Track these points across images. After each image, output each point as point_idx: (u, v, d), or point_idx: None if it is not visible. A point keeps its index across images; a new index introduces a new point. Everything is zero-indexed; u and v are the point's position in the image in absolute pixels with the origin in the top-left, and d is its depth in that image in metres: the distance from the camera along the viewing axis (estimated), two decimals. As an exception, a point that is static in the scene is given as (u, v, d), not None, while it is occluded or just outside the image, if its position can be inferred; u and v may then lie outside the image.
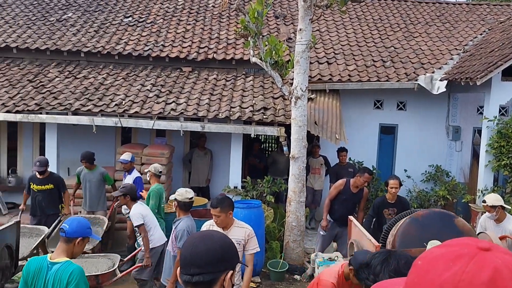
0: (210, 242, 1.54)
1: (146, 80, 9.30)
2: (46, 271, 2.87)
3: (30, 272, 2.89)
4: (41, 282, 2.85)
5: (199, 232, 1.66)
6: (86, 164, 7.31)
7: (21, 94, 8.44)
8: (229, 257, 1.56)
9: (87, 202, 7.45)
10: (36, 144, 10.11)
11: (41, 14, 11.27)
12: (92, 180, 7.35)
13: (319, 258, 5.23)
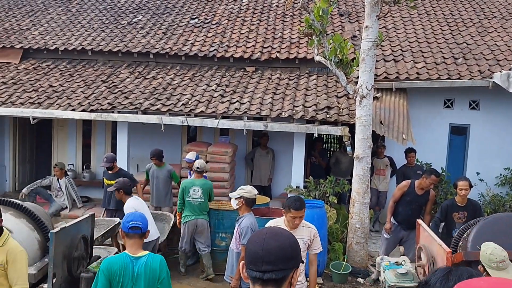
0: (282, 239, 1.53)
1: (211, 80, 9.50)
2: (132, 266, 3.03)
3: (114, 271, 3.02)
4: (128, 278, 3.01)
5: (268, 229, 1.63)
6: (155, 161, 7.63)
7: (95, 94, 8.93)
8: (296, 255, 1.55)
9: (154, 198, 7.78)
10: (108, 142, 10.65)
11: (113, 18, 11.85)
12: (160, 176, 7.66)
13: (385, 261, 5.08)
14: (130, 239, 3.14)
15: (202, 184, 6.73)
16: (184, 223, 6.71)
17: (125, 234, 3.14)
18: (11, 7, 12.66)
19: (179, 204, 6.74)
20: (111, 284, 3.03)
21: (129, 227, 3.09)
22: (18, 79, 9.69)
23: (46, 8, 12.58)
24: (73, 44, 10.50)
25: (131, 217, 3.14)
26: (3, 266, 3.19)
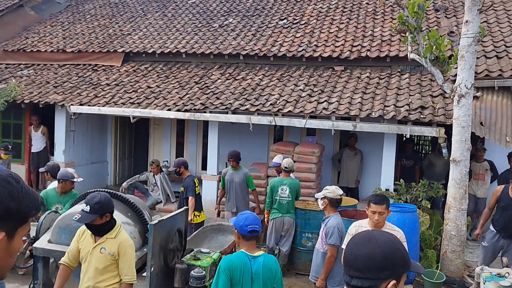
0: (372, 246, 1.44)
1: (299, 80, 9.52)
2: (250, 265, 3.15)
3: (235, 269, 3.14)
4: (247, 276, 3.13)
5: (365, 233, 1.56)
6: (233, 162, 7.36)
7: (189, 95, 9.35)
8: (392, 266, 1.42)
9: (231, 202, 7.40)
10: (200, 140, 11.11)
11: (205, 21, 12.33)
12: (237, 180, 7.36)
13: (485, 272, 4.73)
14: (247, 241, 3.23)
15: (290, 183, 6.77)
16: (272, 220, 6.79)
17: (242, 236, 3.22)
18: (114, 14, 13.69)
19: (268, 202, 6.81)
20: (232, 282, 3.13)
21: (248, 230, 3.17)
22: (120, 80, 10.45)
23: (145, 14, 13.42)
24: (168, 47, 11.09)
25: (248, 220, 3.19)
26: (114, 257, 3.46)
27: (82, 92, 9.97)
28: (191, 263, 4.53)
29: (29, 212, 1.23)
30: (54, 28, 13.07)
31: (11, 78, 10.86)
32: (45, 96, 9.82)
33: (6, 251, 1.21)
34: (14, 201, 1.18)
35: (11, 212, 1.18)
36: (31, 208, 1.23)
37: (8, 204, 1.17)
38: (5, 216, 1.17)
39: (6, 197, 1.16)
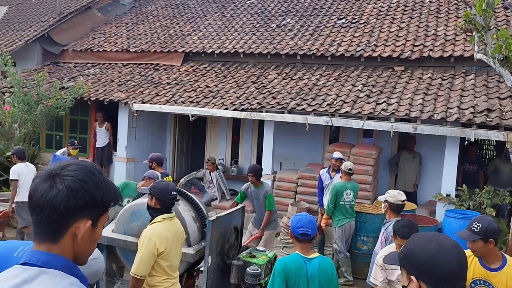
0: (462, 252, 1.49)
1: (357, 80, 9.36)
2: (306, 267, 3.16)
3: (290, 271, 3.15)
4: (303, 278, 3.14)
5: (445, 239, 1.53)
6: (252, 178, 6.47)
7: (245, 94, 9.47)
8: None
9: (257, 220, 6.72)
10: (255, 140, 11.21)
11: (263, 21, 12.41)
12: (259, 198, 6.54)
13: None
14: (300, 243, 3.23)
15: (353, 187, 6.68)
16: (340, 227, 6.63)
17: (294, 237, 3.23)
18: (175, 15, 14.09)
19: (330, 208, 6.62)
20: (287, 284, 3.14)
21: (299, 233, 3.18)
22: (180, 80, 10.76)
23: (205, 14, 13.72)
24: (227, 47, 11.28)
25: (301, 223, 3.20)
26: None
27: (144, 90, 10.36)
28: (247, 260, 4.60)
29: (110, 202, 1.33)
30: (118, 28, 13.67)
31: (79, 76, 11.47)
32: (110, 94, 10.29)
33: (90, 238, 1.31)
34: (99, 191, 1.27)
35: (96, 201, 1.27)
36: (112, 198, 1.33)
37: (94, 194, 1.26)
38: (92, 205, 1.26)
39: (92, 187, 1.26)
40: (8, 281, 1.20)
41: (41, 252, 1.24)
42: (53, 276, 1.21)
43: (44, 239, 1.25)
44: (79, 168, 1.27)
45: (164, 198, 3.53)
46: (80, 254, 1.31)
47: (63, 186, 1.22)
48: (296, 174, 9.15)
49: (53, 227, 1.24)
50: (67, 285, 1.21)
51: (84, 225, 1.26)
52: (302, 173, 9.03)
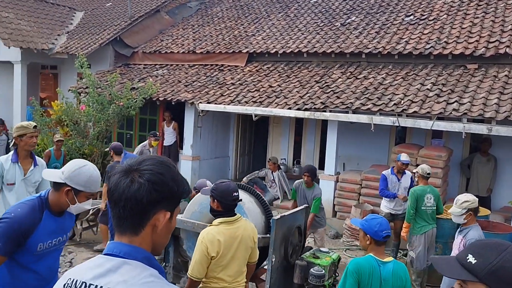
0: None
1: (426, 79, 9.01)
2: (379, 270, 3.10)
3: (363, 272, 3.11)
4: (376, 281, 3.10)
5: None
6: (308, 178, 6.54)
7: (309, 94, 9.41)
8: None
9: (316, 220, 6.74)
10: (317, 140, 11.12)
11: (328, 20, 12.27)
12: (308, 197, 6.64)
13: None
14: (379, 246, 3.15)
15: (432, 191, 6.37)
16: (423, 234, 6.26)
17: (375, 241, 3.14)
18: (240, 16, 14.30)
19: (411, 214, 6.29)
20: (359, 286, 3.11)
21: (384, 236, 3.10)
22: (244, 80, 10.90)
23: (268, 15, 13.80)
24: (290, 47, 11.27)
25: (383, 226, 3.11)
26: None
27: (209, 91, 10.60)
28: (311, 260, 4.57)
29: (183, 194, 1.38)
30: (185, 30, 14.09)
31: (148, 77, 11.96)
32: (177, 94, 10.64)
33: (167, 229, 1.37)
34: (175, 183, 1.34)
35: (173, 193, 1.34)
36: (185, 190, 1.39)
37: (171, 186, 1.33)
38: (169, 197, 1.33)
39: (169, 180, 1.32)
40: (94, 269, 1.30)
41: (123, 244, 1.31)
42: (134, 267, 1.27)
43: (126, 232, 1.32)
44: (156, 163, 1.34)
45: (225, 200, 3.43)
46: (157, 245, 1.37)
47: (144, 180, 1.29)
48: (360, 175, 8.96)
49: (135, 219, 1.31)
50: (147, 276, 1.26)
51: (163, 217, 1.32)
52: (367, 175, 8.83)
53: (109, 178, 1.40)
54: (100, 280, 1.26)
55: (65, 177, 2.58)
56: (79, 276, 1.31)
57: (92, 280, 1.27)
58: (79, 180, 2.56)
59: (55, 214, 2.66)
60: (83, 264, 1.38)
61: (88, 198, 2.67)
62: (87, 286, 1.27)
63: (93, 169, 2.65)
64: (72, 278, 1.31)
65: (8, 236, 2.46)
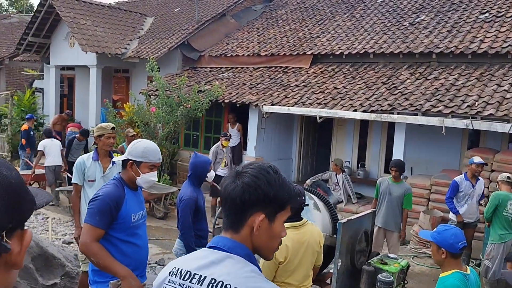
0: None
1: (503, 79, 8.50)
2: (468, 285, 2.89)
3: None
4: None
5: None
6: (395, 173, 6.35)
7: (375, 95, 9.20)
8: None
9: (381, 217, 6.44)
10: (383, 142, 10.84)
11: (395, 20, 11.93)
12: (395, 193, 6.37)
13: None
14: (456, 259, 2.96)
15: None
16: (501, 243, 5.93)
17: (451, 254, 2.93)
18: (304, 18, 14.26)
19: (489, 214, 6.01)
20: None
21: (460, 248, 2.92)
22: (308, 82, 10.86)
23: (333, 16, 13.65)
24: (356, 48, 11.09)
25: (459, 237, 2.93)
26: None
27: (273, 93, 10.67)
28: (379, 266, 4.47)
29: (286, 200, 1.42)
30: (250, 34, 14.28)
31: (214, 80, 12.25)
32: (242, 96, 10.81)
33: (267, 233, 1.41)
34: (271, 188, 1.38)
35: (269, 197, 1.38)
36: (287, 196, 1.42)
37: (266, 190, 1.37)
38: (264, 200, 1.38)
39: (264, 183, 1.37)
40: (198, 260, 1.40)
41: (228, 239, 1.40)
42: (236, 261, 1.34)
43: (228, 228, 1.41)
44: (256, 167, 1.41)
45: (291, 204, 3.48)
46: (260, 247, 1.42)
47: (240, 182, 1.38)
48: (430, 180, 8.62)
49: (233, 218, 1.40)
50: (249, 271, 1.33)
51: (258, 218, 1.37)
52: (437, 180, 8.48)
53: None
54: (204, 271, 1.35)
55: (127, 153, 2.98)
56: (184, 265, 1.41)
57: (196, 270, 1.37)
58: (137, 152, 2.94)
59: (132, 189, 3.00)
60: (189, 255, 1.50)
61: (151, 169, 2.97)
62: (191, 275, 1.37)
63: (149, 142, 3.04)
64: (177, 267, 1.42)
65: (103, 211, 2.79)
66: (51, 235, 7.62)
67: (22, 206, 0.87)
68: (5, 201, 0.82)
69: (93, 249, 2.77)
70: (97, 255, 2.77)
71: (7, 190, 0.83)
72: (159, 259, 6.79)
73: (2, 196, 0.82)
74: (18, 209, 0.86)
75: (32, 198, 0.91)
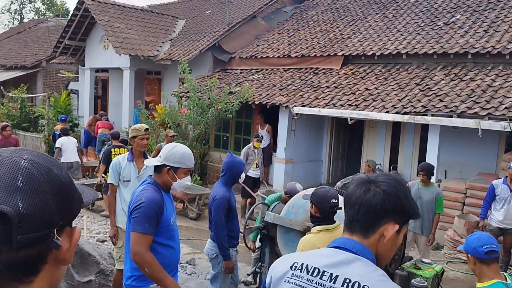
0: None
1: (544, 80, 8.20)
2: None
3: None
4: None
5: None
6: (424, 177, 6.24)
7: (408, 97, 9.03)
8: None
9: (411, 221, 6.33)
10: (417, 144, 10.62)
11: (429, 20, 11.69)
12: (426, 198, 6.23)
13: None
14: (489, 266, 2.80)
15: None
16: None
17: (479, 260, 2.79)
18: (335, 18, 14.15)
19: None
20: None
21: (485, 252, 2.77)
22: (339, 83, 10.77)
23: (365, 16, 13.49)
24: (388, 48, 10.92)
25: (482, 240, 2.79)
26: None
27: (304, 94, 10.63)
28: (412, 271, 4.38)
29: (412, 214, 1.44)
30: (280, 35, 14.27)
31: (245, 81, 12.30)
32: (272, 97, 10.81)
33: (392, 243, 1.43)
34: (407, 201, 1.42)
35: (404, 209, 1.41)
36: (413, 211, 1.44)
37: (403, 202, 1.40)
38: (400, 212, 1.41)
39: (402, 196, 1.41)
40: (325, 258, 1.41)
41: (355, 242, 1.41)
42: (366, 264, 1.36)
43: (357, 232, 1.42)
44: (392, 178, 1.44)
45: (323, 206, 3.35)
46: (381, 255, 1.43)
47: (380, 190, 1.39)
48: (465, 183, 8.39)
49: (366, 223, 1.40)
50: (381, 275, 1.34)
51: (392, 228, 1.39)
52: (472, 183, 8.24)
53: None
54: (334, 269, 1.36)
55: (162, 158, 2.96)
56: (309, 261, 1.43)
57: (325, 268, 1.38)
58: (174, 158, 2.94)
59: (166, 193, 3.02)
60: (309, 252, 1.52)
61: (186, 174, 3.01)
62: (320, 272, 1.38)
63: (184, 147, 3.05)
64: (301, 262, 1.44)
65: (150, 217, 2.80)
66: (86, 233, 7.83)
67: (71, 204, 0.89)
68: (56, 199, 0.84)
69: (148, 260, 2.76)
70: (152, 266, 2.75)
71: (58, 188, 0.86)
72: (189, 259, 6.87)
73: (54, 194, 0.84)
74: (68, 207, 0.88)
75: (80, 196, 0.94)
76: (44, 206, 0.82)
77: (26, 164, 0.84)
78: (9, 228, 0.78)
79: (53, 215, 0.84)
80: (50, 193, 0.84)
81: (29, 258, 0.82)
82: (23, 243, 0.80)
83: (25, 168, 0.84)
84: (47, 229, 0.83)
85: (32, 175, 0.83)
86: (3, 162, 0.84)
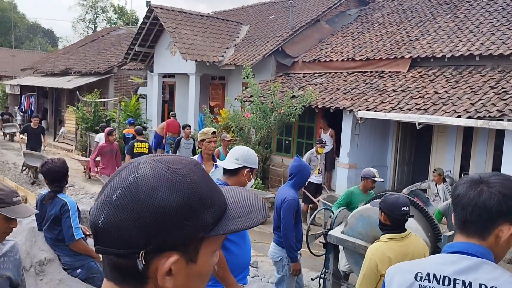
0: None
1: None
2: None
3: None
4: None
5: None
6: None
7: (482, 101, 8.56)
8: None
9: None
10: (490, 151, 10.04)
11: (505, 19, 11.03)
12: None
13: None
14: None
15: None
16: None
17: None
18: (402, 20, 13.73)
19: None
20: None
21: None
22: (406, 86, 10.42)
23: (434, 17, 12.97)
24: (460, 50, 10.42)
25: None
26: None
27: (368, 98, 10.40)
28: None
29: None
30: (344, 38, 14.07)
31: (308, 85, 12.24)
32: (336, 101, 10.67)
33: (508, 244, 1.41)
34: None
35: None
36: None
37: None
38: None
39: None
40: (452, 265, 1.38)
41: (477, 245, 1.39)
42: (494, 267, 1.34)
43: (473, 235, 1.40)
44: (506, 178, 1.41)
45: (393, 214, 3.26)
46: (496, 257, 1.40)
47: (495, 191, 1.37)
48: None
49: (481, 225, 1.38)
50: (509, 277, 1.32)
51: (508, 229, 1.36)
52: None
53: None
54: (465, 276, 1.35)
55: (242, 161, 3.07)
56: (435, 270, 1.41)
57: (455, 275, 1.36)
58: (252, 160, 3.11)
59: None
60: (428, 259, 1.50)
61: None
62: (451, 280, 1.37)
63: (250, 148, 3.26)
64: (425, 272, 1.42)
65: None
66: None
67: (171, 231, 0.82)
68: (144, 222, 0.79)
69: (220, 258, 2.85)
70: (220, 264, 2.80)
71: (154, 211, 0.80)
72: (252, 262, 6.92)
73: (142, 216, 0.79)
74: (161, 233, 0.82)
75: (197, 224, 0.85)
76: (124, 226, 0.78)
77: (132, 179, 0.80)
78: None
79: (131, 236, 0.78)
80: (136, 214, 0.78)
81: (126, 267, 0.80)
82: (101, 252, 0.81)
83: (128, 183, 0.80)
84: (126, 248, 0.79)
85: (128, 191, 0.79)
86: (122, 170, 0.84)
